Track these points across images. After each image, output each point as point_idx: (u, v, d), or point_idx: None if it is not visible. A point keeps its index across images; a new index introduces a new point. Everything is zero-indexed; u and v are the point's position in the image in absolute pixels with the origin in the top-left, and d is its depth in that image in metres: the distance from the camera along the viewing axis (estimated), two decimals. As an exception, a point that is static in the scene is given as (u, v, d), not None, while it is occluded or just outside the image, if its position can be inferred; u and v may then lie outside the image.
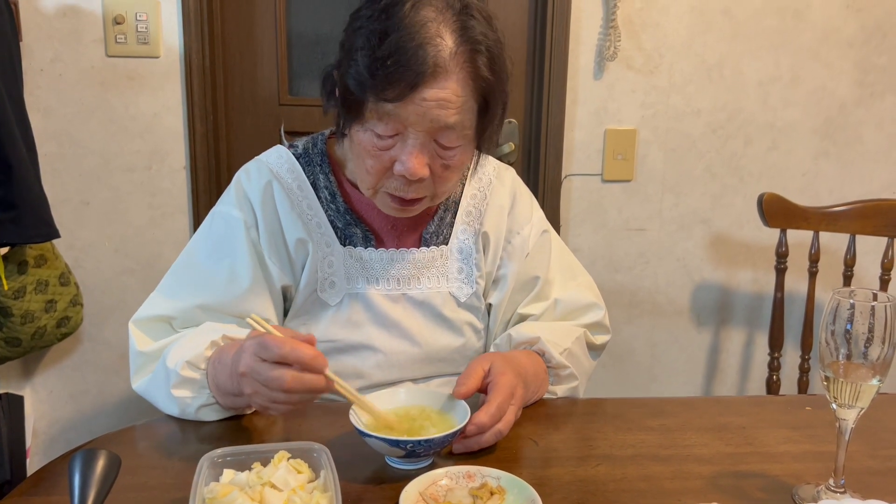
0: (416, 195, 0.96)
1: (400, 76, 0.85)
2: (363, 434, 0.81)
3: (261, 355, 0.78)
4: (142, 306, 1.02)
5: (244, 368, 0.80)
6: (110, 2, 1.68)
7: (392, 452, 0.81)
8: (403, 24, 0.86)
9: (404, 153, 0.91)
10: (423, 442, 0.79)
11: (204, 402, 0.92)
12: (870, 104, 1.95)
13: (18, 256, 1.57)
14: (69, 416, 1.87)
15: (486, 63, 0.90)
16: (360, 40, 0.88)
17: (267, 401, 0.80)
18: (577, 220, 1.94)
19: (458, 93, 0.89)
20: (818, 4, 1.88)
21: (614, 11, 1.80)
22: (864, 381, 0.74)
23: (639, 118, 1.90)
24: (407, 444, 0.79)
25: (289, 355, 0.76)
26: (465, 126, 0.92)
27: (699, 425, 0.96)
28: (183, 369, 0.91)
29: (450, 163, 0.94)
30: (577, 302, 1.13)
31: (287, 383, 0.76)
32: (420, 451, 0.80)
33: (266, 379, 0.78)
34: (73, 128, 1.73)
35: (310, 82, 1.88)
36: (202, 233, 1.07)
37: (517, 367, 0.95)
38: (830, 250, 1.87)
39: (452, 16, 0.89)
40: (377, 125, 0.90)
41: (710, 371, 2.08)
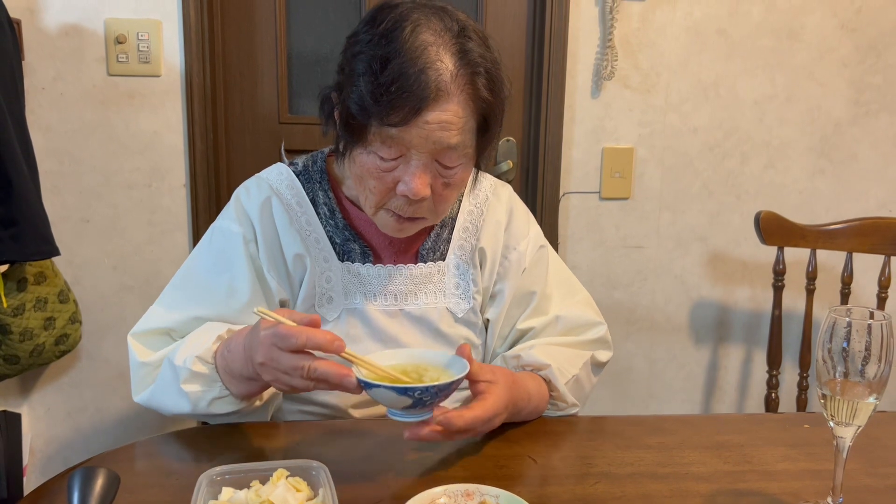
0: (417, 214, 0.97)
1: (403, 102, 0.87)
2: (369, 385, 0.81)
3: (278, 345, 0.80)
4: (140, 320, 1.03)
5: (263, 359, 0.82)
6: (112, 21, 1.70)
7: (399, 402, 0.81)
8: (404, 49, 0.87)
9: (407, 174, 0.92)
10: (430, 388, 0.80)
11: (216, 394, 0.92)
12: (865, 123, 1.97)
13: (18, 274, 1.58)
14: (66, 433, 1.86)
15: (485, 84, 0.91)
16: (360, 66, 0.89)
17: (288, 386, 0.83)
18: (576, 238, 1.95)
19: (460, 114, 0.90)
20: (813, 24, 1.90)
21: (611, 31, 1.82)
22: (860, 398, 0.74)
23: (636, 136, 1.91)
24: (415, 391, 0.80)
25: (306, 344, 0.79)
26: (466, 145, 0.94)
27: (697, 443, 0.96)
28: (194, 364, 0.91)
29: (451, 181, 0.96)
30: (578, 319, 1.13)
31: (307, 372, 0.79)
32: (426, 398, 0.81)
33: (287, 368, 0.80)
34: (74, 145, 1.74)
35: (309, 101, 1.90)
36: (202, 247, 1.08)
37: (516, 393, 0.95)
38: (828, 268, 1.88)
39: (451, 38, 0.90)
40: (381, 148, 0.91)
41: (708, 388, 2.08)
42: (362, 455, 0.91)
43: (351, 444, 0.94)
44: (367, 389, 0.81)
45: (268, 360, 0.82)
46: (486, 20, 1.88)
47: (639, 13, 1.85)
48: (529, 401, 0.98)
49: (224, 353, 0.91)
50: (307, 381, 0.80)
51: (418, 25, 0.89)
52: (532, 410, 1.01)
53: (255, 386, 0.91)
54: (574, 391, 1.06)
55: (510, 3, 1.89)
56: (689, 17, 1.87)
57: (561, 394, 1.03)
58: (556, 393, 1.03)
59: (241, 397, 0.93)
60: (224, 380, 0.91)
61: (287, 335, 0.80)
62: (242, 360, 0.87)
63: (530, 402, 0.99)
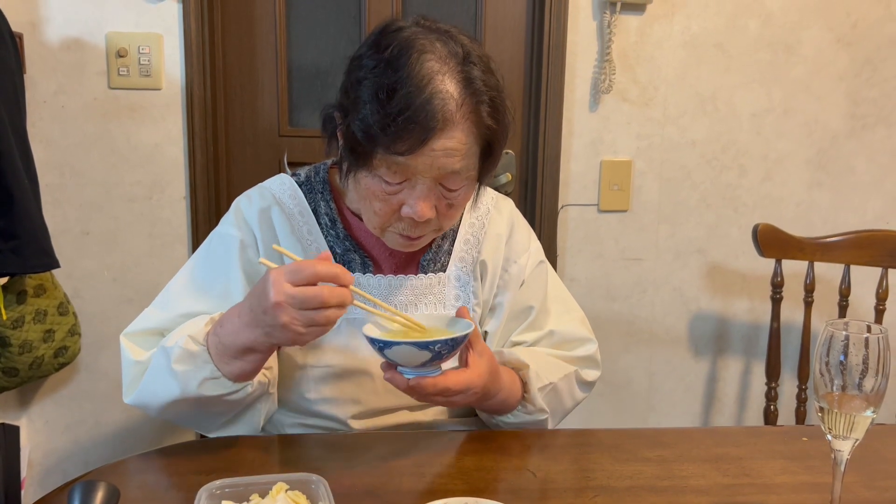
0: (423, 233, 0.99)
1: (410, 131, 0.87)
2: (389, 345, 0.84)
3: (293, 280, 0.81)
4: (134, 321, 1.03)
5: (278, 297, 0.81)
6: (114, 35, 1.71)
7: (417, 358, 0.84)
8: (410, 77, 0.88)
9: (412, 198, 0.93)
10: (448, 341, 0.84)
11: (207, 374, 0.91)
12: (861, 136, 1.98)
13: (18, 286, 1.58)
14: (65, 446, 1.86)
15: (488, 112, 0.92)
16: (366, 93, 0.90)
17: (303, 325, 0.82)
18: (574, 250, 1.95)
19: (464, 141, 0.91)
20: (809, 39, 1.92)
21: (609, 45, 1.84)
22: (858, 412, 0.75)
23: (634, 149, 1.92)
24: (435, 344, 0.83)
25: (322, 272, 0.82)
26: (470, 169, 0.95)
27: (696, 456, 0.97)
28: (185, 342, 0.91)
29: (454, 202, 0.97)
30: (571, 334, 1.14)
31: (325, 296, 0.81)
32: (444, 351, 0.84)
33: (304, 299, 0.81)
34: (75, 158, 1.75)
35: (310, 114, 1.91)
36: (200, 252, 1.08)
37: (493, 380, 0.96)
38: (826, 280, 1.89)
39: (456, 65, 0.90)
40: (386, 173, 0.92)
41: (707, 400, 2.08)
42: (362, 468, 0.91)
43: (350, 457, 0.94)
44: (385, 349, 0.85)
45: (283, 297, 0.81)
46: (485, 34, 1.89)
47: (636, 27, 1.86)
48: (500, 392, 1.00)
49: (217, 329, 0.91)
50: (324, 311, 0.81)
51: (424, 52, 0.89)
52: (498, 403, 1.02)
53: (250, 362, 0.90)
54: (548, 399, 1.07)
55: (509, 18, 1.90)
56: (686, 32, 1.88)
57: (531, 396, 1.04)
58: (527, 395, 1.04)
59: (233, 378, 0.92)
60: (216, 360, 0.91)
61: (302, 267, 0.82)
62: (239, 327, 0.87)
63: (500, 393, 1.00)
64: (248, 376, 0.93)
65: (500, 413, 1.05)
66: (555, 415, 1.10)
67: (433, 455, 0.94)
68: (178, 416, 0.98)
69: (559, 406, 1.10)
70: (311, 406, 1.06)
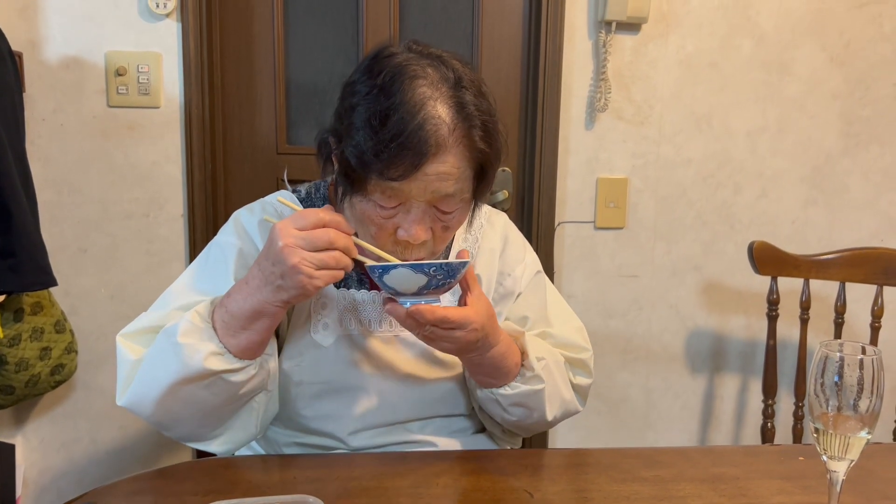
0: (418, 255, 0.99)
1: (403, 157, 0.88)
2: (385, 269, 0.88)
3: (298, 225, 0.87)
4: (131, 323, 1.02)
5: (287, 240, 0.85)
6: (113, 54, 1.72)
7: (413, 282, 0.87)
8: (403, 103, 0.89)
9: (407, 221, 0.94)
10: (443, 266, 0.87)
11: (213, 349, 0.91)
12: (855, 154, 2.00)
13: (15, 304, 1.58)
14: (60, 465, 1.85)
15: (481, 136, 0.93)
16: (359, 119, 0.91)
17: (314, 265, 0.86)
18: (571, 267, 1.96)
19: (457, 165, 0.92)
20: (803, 58, 1.94)
21: (604, 64, 1.85)
22: (853, 433, 0.75)
23: (630, 167, 1.93)
24: (430, 267, 0.86)
25: (325, 217, 0.88)
26: (464, 192, 0.95)
27: (693, 476, 0.97)
28: (192, 316, 0.92)
29: (449, 224, 0.98)
30: (566, 339, 1.13)
31: (332, 236, 0.86)
32: (440, 276, 0.87)
33: (311, 240, 0.86)
34: (73, 176, 1.76)
35: (308, 132, 1.92)
36: (199, 260, 1.08)
37: (493, 323, 0.97)
38: (821, 297, 1.89)
39: (448, 90, 0.91)
40: (380, 198, 0.93)
41: (705, 418, 2.08)
42: (359, 489, 0.91)
43: (348, 478, 0.94)
44: (383, 275, 0.88)
45: (292, 239, 0.85)
46: (481, 53, 1.91)
47: (631, 47, 1.88)
48: (499, 342, 0.98)
49: (223, 301, 0.93)
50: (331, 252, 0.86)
51: (416, 78, 0.90)
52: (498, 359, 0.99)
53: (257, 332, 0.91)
54: (544, 372, 1.05)
55: (505, 37, 1.92)
56: (681, 51, 1.90)
57: (529, 362, 1.03)
58: (526, 361, 1.03)
59: (238, 353, 0.92)
60: (221, 334, 0.92)
61: (307, 213, 0.88)
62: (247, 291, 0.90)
63: (499, 344, 0.98)
64: (254, 351, 0.93)
65: (497, 379, 1.02)
66: (551, 399, 1.06)
67: (430, 476, 0.94)
68: (173, 410, 0.95)
69: (555, 388, 1.07)
70: (307, 423, 1.06)
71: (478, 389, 1.07)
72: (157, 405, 0.94)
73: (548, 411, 1.06)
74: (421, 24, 1.91)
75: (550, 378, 1.06)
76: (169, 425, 0.98)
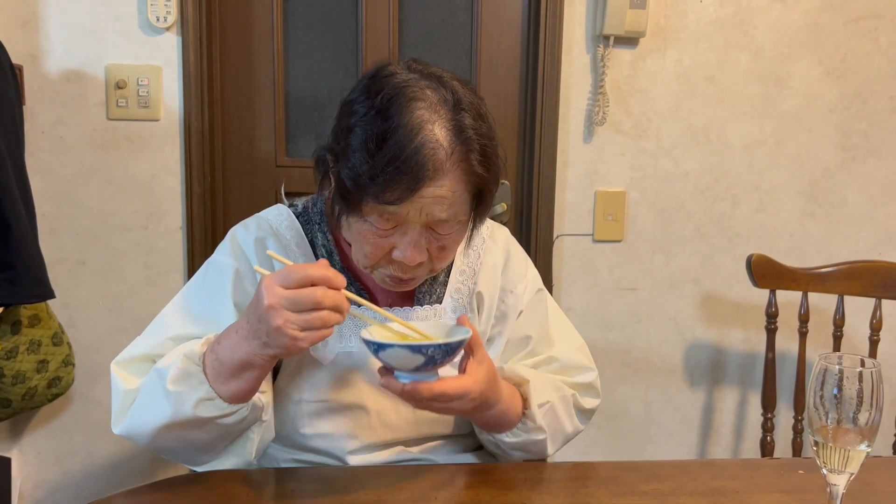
0: (415, 275, 0.98)
1: (399, 181, 0.87)
2: (383, 347, 0.84)
3: (285, 283, 0.82)
4: (125, 349, 1.02)
5: (271, 300, 0.82)
6: (113, 67, 1.73)
7: (411, 362, 0.84)
8: (400, 126, 0.88)
9: (403, 242, 0.93)
10: (441, 346, 0.83)
11: (203, 395, 0.90)
12: (852, 167, 2.00)
13: (12, 316, 1.58)
14: (56, 478, 1.84)
15: (479, 161, 0.92)
16: (356, 141, 0.90)
17: (296, 328, 0.82)
18: (570, 280, 1.96)
19: (454, 189, 0.91)
20: (799, 72, 1.95)
21: (602, 78, 1.86)
22: (852, 446, 0.75)
23: (628, 180, 1.94)
24: (428, 348, 0.83)
25: (313, 274, 0.82)
26: (460, 214, 0.94)
27: (693, 489, 0.96)
28: (181, 362, 0.90)
29: (446, 244, 0.97)
30: (571, 361, 1.14)
31: (318, 297, 0.81)
32: (437, 356, 0.84)
33: (296, 301, 0.81)
34: (73, 188, 1.76)
35: (307, 145, 1.93)
36: (195, 280, 1.07)
37: (492, 388, 0.96)
38: (820, 310, 1.89)
39: (447, 113, 0.90)
40: (377, 220, 0.92)
41: (704, 431, 2.07)
42: (357, 503, 0.90)
43: (345, 492, 0.93)
44: (379, 352, 0.85)
45: (276, 299, 0.82)
46: (480, 68, 1.92)
47: (629, 61, 1.89)
48: (499, 402, 0.98)
49: (213, 348, 0.91)
50: (318, 312, 0.82)
51: (415, 100, 0.89)
52: (498, 415, 1.00)
53: (246, 381, 0.90)
54: (547, 418, 1.06)
55: (503, 51, 1.93)
56: (678, 65, 1.91)
57: (531, 412, 1.03)
58: (528, 411, 1.03)
59: (229, 398, 0.91)
60: (212, 380, 0.90)
61: (293, 270, 0.83)
62: (236, 342, 0.88)
63: (499, 404, 0.99)
64: (244, 397, 0.92)
65: (499, 429, 1.04)
66: (553, 438, 1.08)
67: (429, 489, 0.94)
68: (167, 445, 0.96)
69: (558, 428, 1.09)
70: (306, 441, 1.05)
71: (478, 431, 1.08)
72: (151, 440, 0.95)
73: (549, 450, 1.09)
74: (420, 38, 1.92)
75: (553, 422, 1.08)
76: (165, 454, 0.99)
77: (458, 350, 0.88)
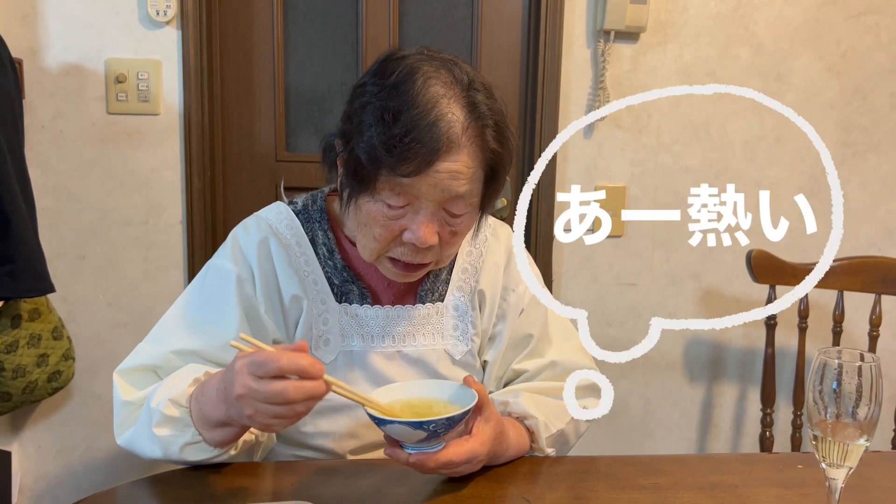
0: (424, 261, 0.98)
1: (416, 153, 0.88)
2: (383, 422, 0.83)
3: (257, 373, 0.78)
4: (128, 357, 1.01)
5: (241, 390, 0.79)
6: (113, 61, 1.73)
7: (413, 436, 0.83)
8: (416, 101, 0.89)
9: (415, 223, 0.93)
10: (445, 420, 0.82)
11: (188, 440, 0.90)
12: (853, 163, 2.00)
13: (13, 310, 1.58)
14: (56, 472, 1.84)
15: (493, 136, 0.93)
16: (370, 116, 0.90)
17: (268, 417, 0.80)
18: (569, 275, 1.96)
19: (469, 164, 0.91)
20: (800, 67, 1.95)
21: (603, 73, 1.86)
22: (851, 440, 0.75)
23: (628, 175, 1.94)
24: (430, 424, 0.81)
25: (286, 367, 0.77)
26: (473, 194, 0.95)
27: (691, 483, 0.96)
28: (166, 408, 0.90)
29: (457, 229, 0.97)
30: (572, 364, 1.13)
31: (290, 395, 0.77)
32: (440, 430, 0.83)
33: (266, 396, 0.78)
34: (72, 183, 1.76)
35: (307, 139, 1.92)
36: (195, 285, 1.07)
37: (499, 443, 0.96)
38: (819, 306, 1.89)
39: (461, 91, 0.91)
40: (389, 197, 0.92)
41: (703, 426, 2.07)
42: (355, 496, 0.90)
43: (344, 485, 0.93)
44: (382, 426, 0.84)
45: (246, 390, 0.78)
46: (480, 62, 1.92)
47: (630, 56, 1.89)
48: (507, 451, 0.99)
49: (199, 396, 0.89)
50: (290, 406, 0.78)
51: (429, 78, 0.90)
52: (509, 458, 1.01)
53: (230, 433, 0.89)
54: (555, 443, 1.07)
55: (504, 46, 1.93)
56: (679, 60, 1.91)
57: (541, 446, 1.04)
58: (535, 444, 1.04)
59: (214, 444, 0.91)
60: (197, 425, 0.90)
61: (265, 360, 0.78)
62: (215, 401, 0.86)
63: (507, 451, 0.99)
64: (230, 442, 0.92)
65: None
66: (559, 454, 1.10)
67: (428, 483, 0.94)
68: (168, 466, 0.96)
69: (565, 446, 1.11)
70: (307, 439, 1.06)
71: None
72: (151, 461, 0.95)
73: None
74: (420, 31, 1.92)
75: (561, 445, 1.09)
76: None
77: (463, 420, 0.86)
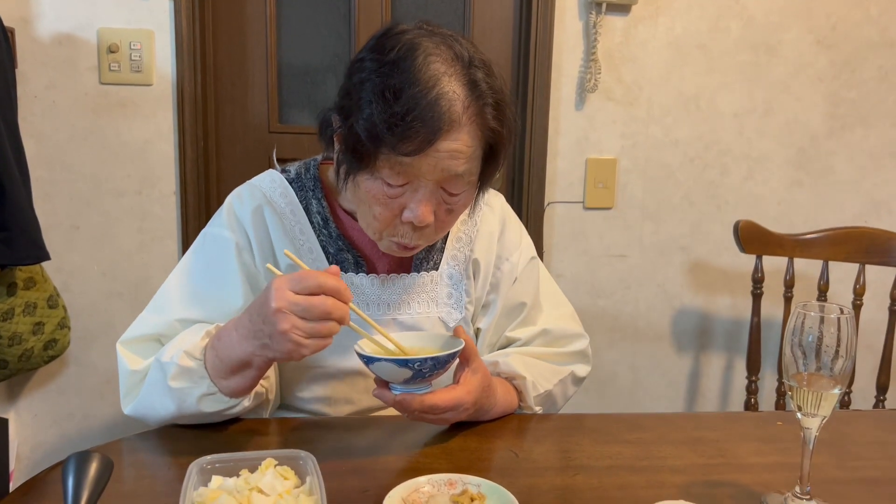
0: (421, 241, 0.99)
1: (417, 131, 0.87)
2: (371, 360, 0.86)
3: (295, 288, 0.81)
4: (130, 327, 1.03)
5: (279, 304, 0.81)
6: (105, 31, 1.73)
7: (399, 375, 0.86)
8: (418, 78, 0.88)
9: (414, 201, 0.93)
10: (427, 360, 0.85)
11: (204, 391, 0.92)
12: (840, 136, 2.02)
13: (8, 278, 1.59)
14: (53, 440, 1.87)
15: (493, 115, 0.93)
16: (370, 94, 0.89)
17: (304, 333, 0.82)
18: (560, 247, 1.98)
19: (469, 143, 0.91)
20: (790, 40, 1.96)
21: (595, 45, 1.87)
22: (826, 390, 0.78)
23: (619, 148, 1.96)
24: (415, 362, 0.84)
25: (324, 284, 0.81)
26: (472, 173, 0.95)
27: (674, 439, 0.99)
28: (181, 359, 0.91)
29: (454, 207, 0.97)
30: (563, 331, 1.16)
31: (329, 308, 0.81)
32: (425, 370, 0.85)
33: (306, 308, 0.81)
34: (66, 153, 1.77)
35: (299, 111, 1.93)
36: (194, 253, 1.07)
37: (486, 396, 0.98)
38: (805, 276, 1.92)
39: (461, 69, 0.91)
40: (389, 175, 0.92)
41: (690, 395, 2.11)
42: (351, 449, 0.93)
43: (340, 439, 0.96)
44: (369, 364, 0.87)
45: (285, 303, 0.81)
46: (472, 33, 1.92)
47: (621, 28, 1.90)
48: (494, 407, 1.01)
49: (214, 343, 0.91)
50: (325, 322, 0.81)
51: (430, 55, 0.89)
52: (495, 416, 1.04)
53: (247, 378, 0.91)
54: (543, 403, 1.10)
55: (496, 17, 1.94)
56: (670, 33, 1.92)
57: (528, 404, 1.07)
58: (523, 404, 1.07)
59: (229, 394, 0.93)
60: (212, 375, 0.91)
61: (305, 276, 0.82)
62: (238, 340, 0.88)
63: (494, 408, 1.02)
64: (245, 391, 0.94)
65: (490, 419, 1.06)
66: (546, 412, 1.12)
67: (420, 437, 0.97)
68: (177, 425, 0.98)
69: (552, 407, 1.13)
70: (304, 405, 1.08)
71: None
72: (159, 424, 0.97)
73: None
74: (413, 4, 1.92)
75: (548, 405, 1.11)
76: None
77: (449, 363, 0.88)
